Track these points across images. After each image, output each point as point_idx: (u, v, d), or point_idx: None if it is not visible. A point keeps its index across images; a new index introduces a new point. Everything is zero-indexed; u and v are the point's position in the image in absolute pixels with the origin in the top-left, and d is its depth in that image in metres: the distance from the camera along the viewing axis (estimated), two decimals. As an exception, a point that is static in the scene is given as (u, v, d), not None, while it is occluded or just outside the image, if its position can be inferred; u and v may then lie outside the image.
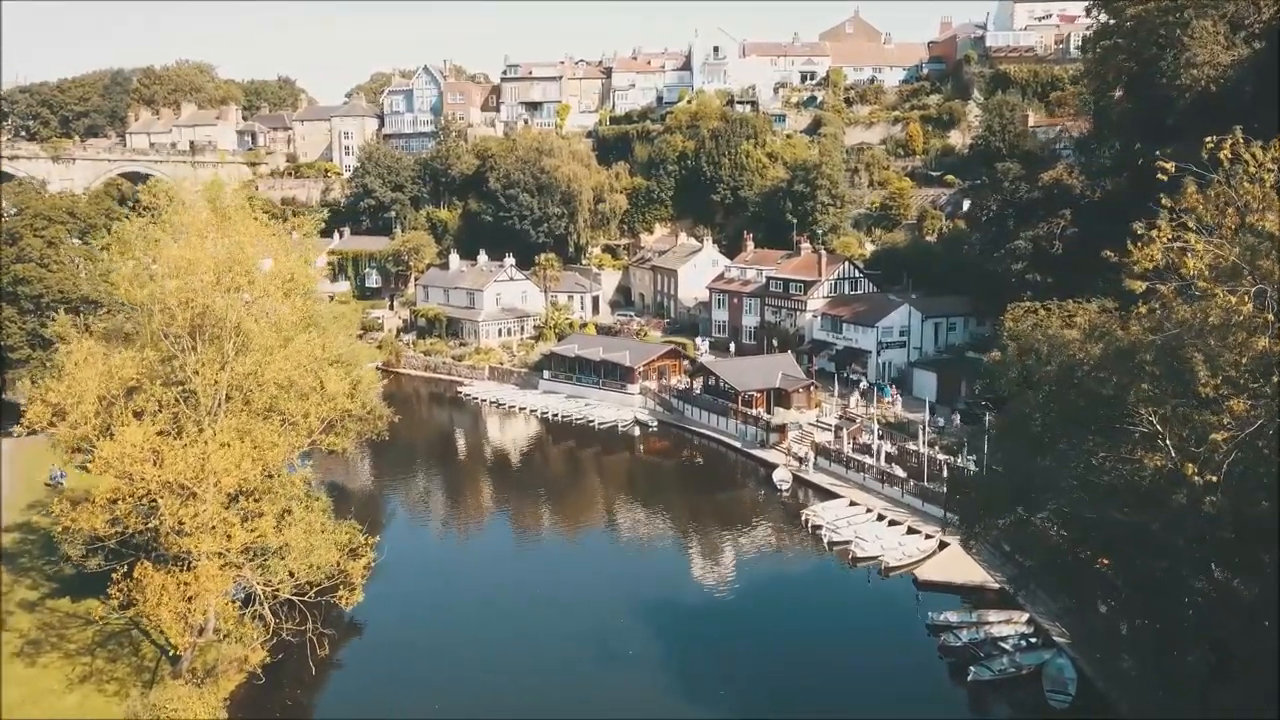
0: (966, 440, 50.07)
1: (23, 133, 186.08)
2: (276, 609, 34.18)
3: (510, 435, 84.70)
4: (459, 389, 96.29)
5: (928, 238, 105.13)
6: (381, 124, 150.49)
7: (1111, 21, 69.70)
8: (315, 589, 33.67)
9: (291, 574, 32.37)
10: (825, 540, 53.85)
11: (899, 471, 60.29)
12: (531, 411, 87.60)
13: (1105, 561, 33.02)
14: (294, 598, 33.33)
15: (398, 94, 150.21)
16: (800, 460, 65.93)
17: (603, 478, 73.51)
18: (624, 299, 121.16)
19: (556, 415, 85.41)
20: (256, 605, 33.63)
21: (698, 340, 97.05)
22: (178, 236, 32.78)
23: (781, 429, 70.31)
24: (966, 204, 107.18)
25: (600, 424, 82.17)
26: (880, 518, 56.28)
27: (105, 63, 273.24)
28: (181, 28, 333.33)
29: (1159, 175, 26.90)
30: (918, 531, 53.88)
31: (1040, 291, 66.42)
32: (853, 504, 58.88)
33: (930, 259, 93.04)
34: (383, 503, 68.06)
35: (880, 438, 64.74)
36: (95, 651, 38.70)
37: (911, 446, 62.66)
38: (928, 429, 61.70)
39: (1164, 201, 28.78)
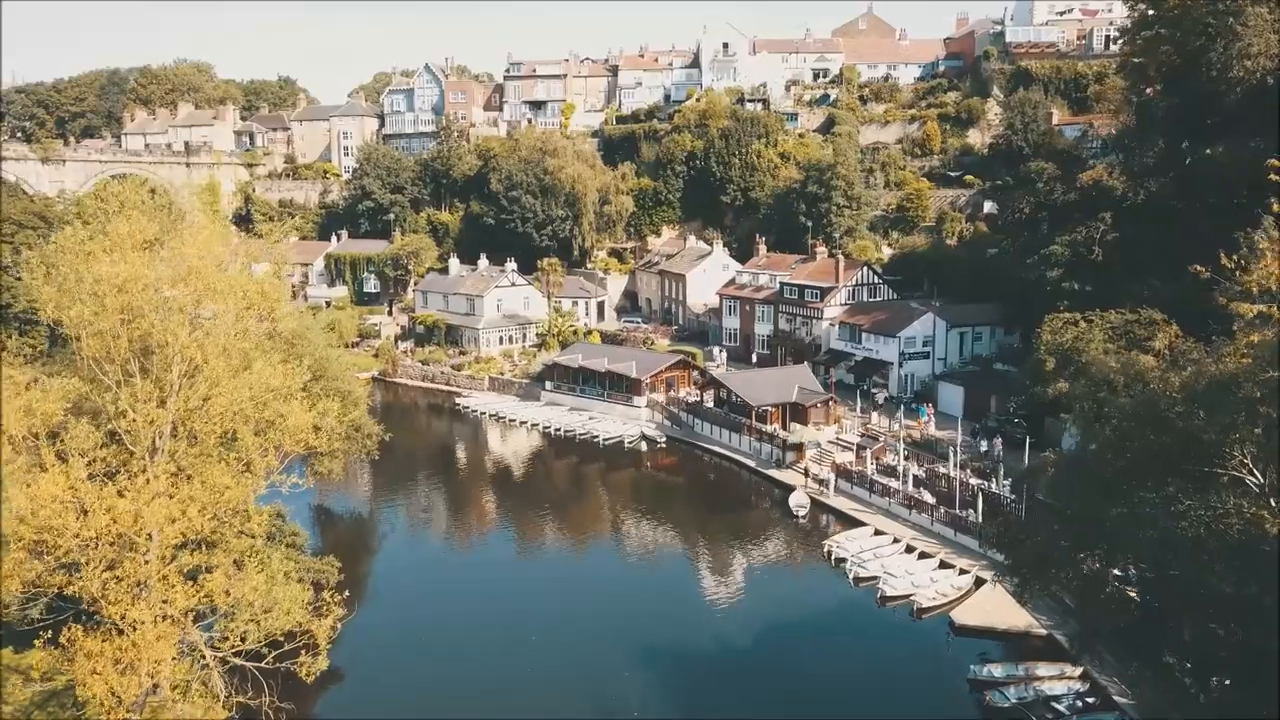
0: (1023, 478, 44.77)
1: (19, 134, 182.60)
2: (228, 674, 29.79)
3: (510, 450, 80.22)
4: (457, 400, 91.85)
5: (948, 241, 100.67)
6: (382, 124, 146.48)
7: (1152, 11, 65.03)
8: (275, 652, 29.20)
9: (243, 639, 27.88)
10: (850, 575, 49.16)
11: (928, 497, 55.66)
12: (533, 425, 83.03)
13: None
14: (247, 664, 28.84)
15: (398, 93, 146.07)
16: (820, 483, 61.28)
17: (607, 499, 68.80)
18: (630, 304, 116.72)
19: (559, 430, 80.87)
20: (204, 670, 29.17)
21: (714, 350, 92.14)
22: (114, 249, 28.46)
23: (799, 448, 65.58)
24: (988, 205, 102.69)
25: (605, 439, 77.55)
26: (909, 549, 51.56)
27: (108, 62, 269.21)
28: (184, 27, 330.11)
29: (1273, 176, 22.31)
30: (951, 566, 49.19)
31: (1077, 300, 62.09)
32: (878, 533, 54.24)
33: (953, 264, 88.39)
34: (373, 525, 63.76)
35: (906, 458, 60.12)
36: (33, 715, 34.28)
37: (941, 469, 58.00)
38: (959, 450, 56.72)
39: (1276, 207, 24.18)
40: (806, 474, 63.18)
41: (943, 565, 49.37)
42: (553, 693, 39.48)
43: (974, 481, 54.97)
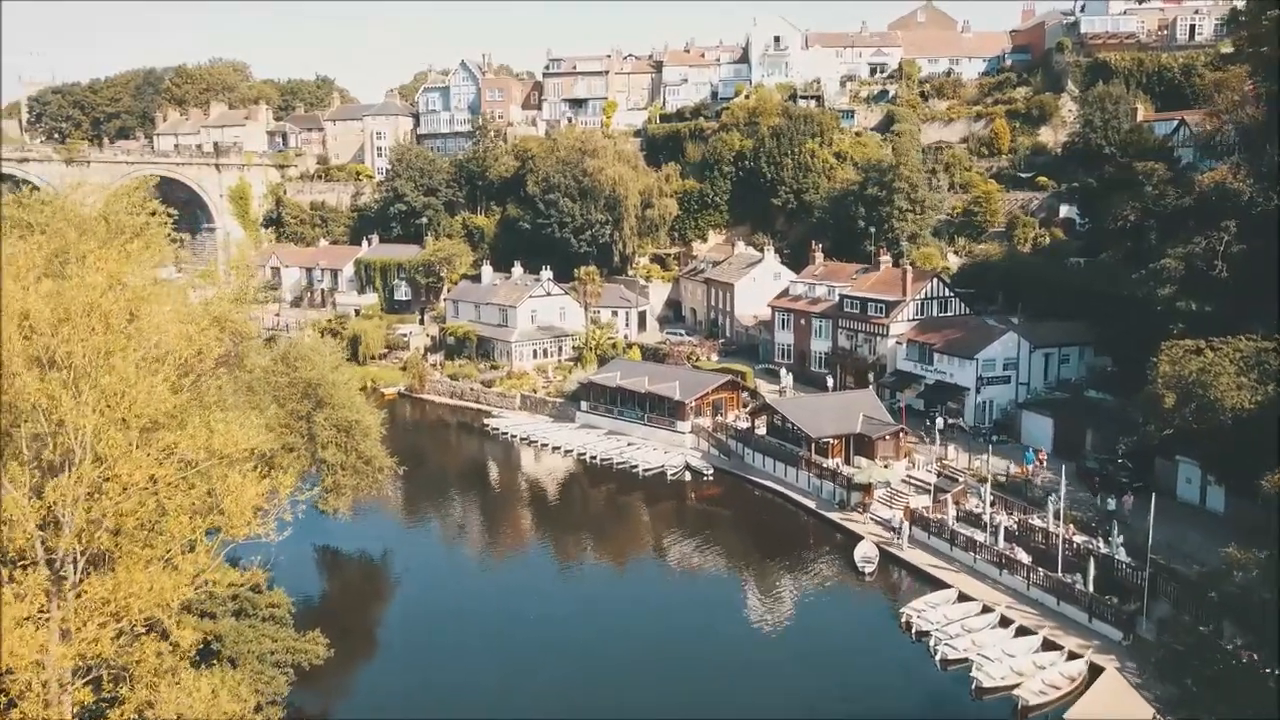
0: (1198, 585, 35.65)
1: (55, 135, 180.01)
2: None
3: (540, 478, 73.07)
4: (487, 421, 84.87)
5: (1019, 247, 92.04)
6: (417, 124, 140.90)
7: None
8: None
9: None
10: (936, 657, 41.17)
11: (1022, 555, 47.47)
12: (567, 451, 75.78)
13: None
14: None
15: (433, 91, 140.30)
16: (892, 531, 53.37)
17: (650, 544, 60.80)
18: (673, 314, 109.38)
19: (595, 457, 73.53)
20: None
21: (781, 372, 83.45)
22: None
23: (866, 489, 57.51)
24: (1064, 209, 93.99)
25: (645, 470, 70.05)
26: (1004, 622, 43.49)
27: (146, 62, 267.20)
28: (224, 27, 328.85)
29: None
30: (1057, 646, 41.04)
31: (1193, 323, 53.61)
32: (963, 597, 46.23)
33: (1029, 274, 79.89)
34: (388, 565, 57.05)
35: (992, 505, 51.77)
36: None
37: (1037, 521, 49.77)
38: (1062, 498, 48.24)
39: None
40: (870, 513, 55.26)
41: (1047, 645, 41.26)
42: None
43: (1079, 539, 46.73)
